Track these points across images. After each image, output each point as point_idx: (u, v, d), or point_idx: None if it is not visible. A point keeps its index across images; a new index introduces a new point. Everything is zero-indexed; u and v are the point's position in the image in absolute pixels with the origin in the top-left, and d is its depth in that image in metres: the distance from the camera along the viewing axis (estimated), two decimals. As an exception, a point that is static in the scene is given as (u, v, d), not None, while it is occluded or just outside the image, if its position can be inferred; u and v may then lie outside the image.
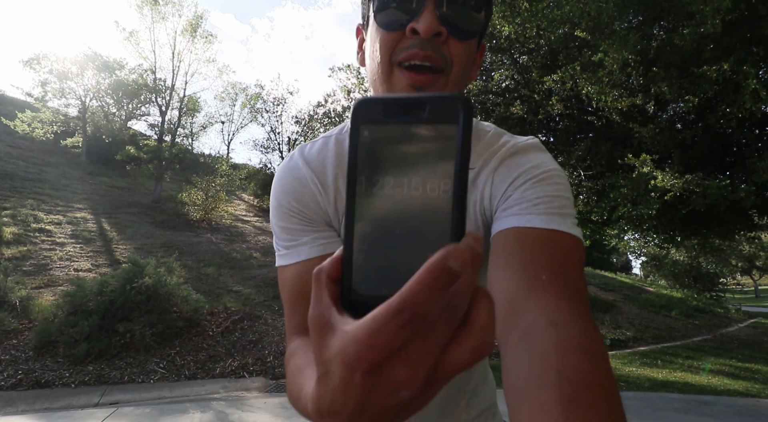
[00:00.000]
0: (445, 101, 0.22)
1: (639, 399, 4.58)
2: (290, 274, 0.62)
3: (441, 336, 0.21)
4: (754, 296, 34.55)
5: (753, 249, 24.42)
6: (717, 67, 4.35)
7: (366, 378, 0.21)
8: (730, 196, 4.59)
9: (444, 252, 0.20)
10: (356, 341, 0.21)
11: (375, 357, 0.21)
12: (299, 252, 0.62)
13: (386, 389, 0.21)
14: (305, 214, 0.64)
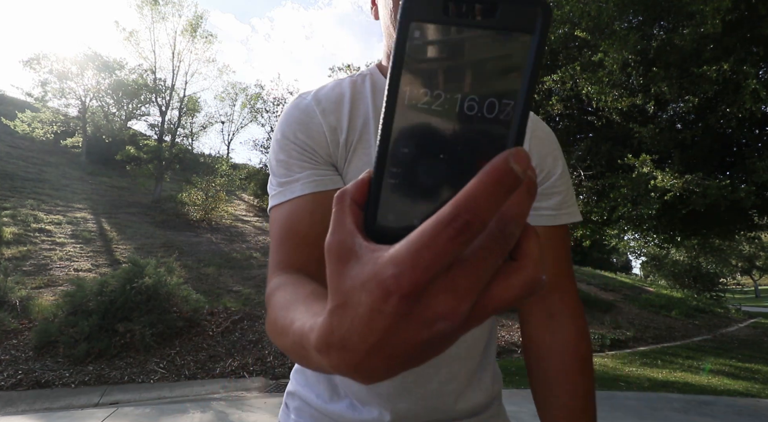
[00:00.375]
0: (522, 4, 0.19)
1: (639, 399, 4.58)
2: (279, 214, 0.61)
3: (491, 263, 0.19)
4: (754, 296, 34.55)
5: (753, 249, 24.43)
6: (717, 67, 4.35)
7: (403, 303, 0.18)
8: (730, 196, 4.59)
9: (506, 154, 0.17)
10: (396, 262, 0.18)
11: (419, 278, 0.18)
12: (292, 190, 0.61)
13: (421, 320, 0.19)
14: (308, 146, 0.63)
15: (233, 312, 6.48)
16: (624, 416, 3.95)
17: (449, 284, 0.18)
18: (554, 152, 0.72)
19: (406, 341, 0.19)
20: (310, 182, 0.61)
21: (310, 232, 0.59)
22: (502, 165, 0.17)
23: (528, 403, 4.25)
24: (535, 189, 0.19)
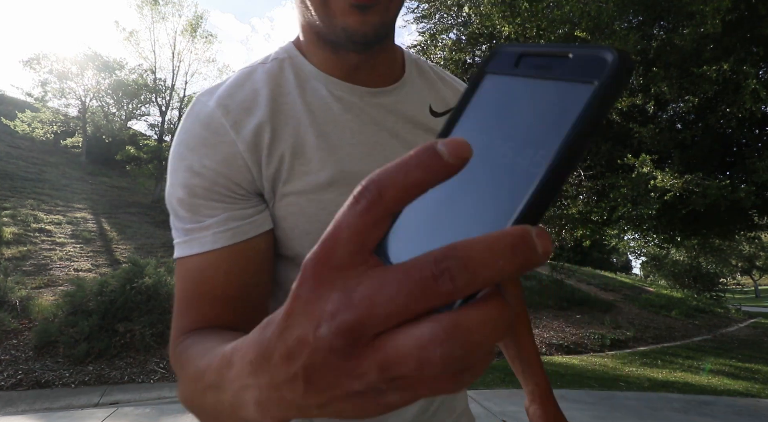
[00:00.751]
0: (593, 56, 0.17)
1: (639, 399, 4.58)
2: (185, 269, 0.48)
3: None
4: (754, 296, 34.56)
5: (753, 250, 24.43)
6: (717, 67, 4.35)
7: (337, 338, 0.16)
8: (730, 195, 4.59)
9: (528, 227, 0.15)
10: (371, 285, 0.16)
11: (369, 313, 0.15)
12: (201, 241, 0.47)
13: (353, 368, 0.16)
14: (219, 178, 0.48)
15: (233, 312, 6.48)
16: (624, 416, 3.95)
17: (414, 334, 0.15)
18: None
19: (332, 384, 0.17)
20: (225, 232, 0.47)
21: (230, 293, 0.47)
22: (523, 232, 0.15)
23: (528, 403, 4.17)
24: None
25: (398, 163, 0.16)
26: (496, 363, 6.25)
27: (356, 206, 0.16)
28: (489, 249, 0.14)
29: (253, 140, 0.50)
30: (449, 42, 7.21)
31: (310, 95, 0.54)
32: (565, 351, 7.47)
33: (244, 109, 0.51)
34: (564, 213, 6.64)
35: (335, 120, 0.53)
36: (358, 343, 0.16)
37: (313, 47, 0.55)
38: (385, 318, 0.15)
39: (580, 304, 11.13)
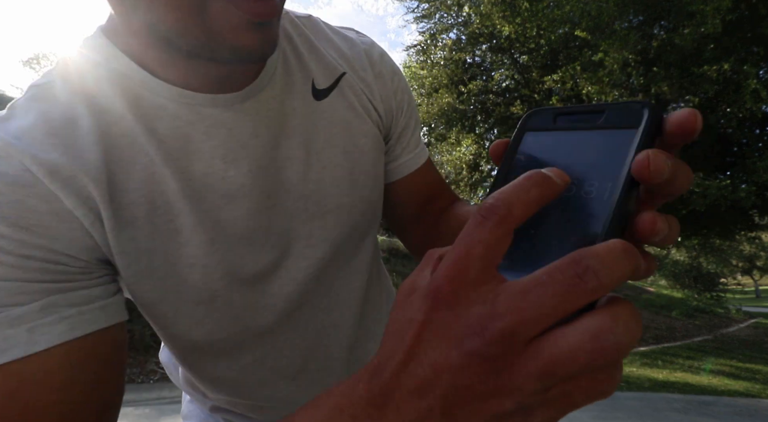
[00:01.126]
0: (628, 108, 0.20)
1: (639, 400, 4.58)
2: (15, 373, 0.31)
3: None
4: (755, 296, 34.56)
5: (753, 250, 24.43)
6: (717, 66, 4.35)
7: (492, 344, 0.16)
8: (730, 195, 4.59)
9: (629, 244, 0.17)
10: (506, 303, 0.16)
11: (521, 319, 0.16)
12: (13, 342, 0.31)
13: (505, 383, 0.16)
14: (36, 250, 0.32)
15: (233, 313, 6.49)
16: (624, 416, 3.95)
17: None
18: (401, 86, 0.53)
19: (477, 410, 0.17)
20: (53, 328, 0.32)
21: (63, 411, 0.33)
22: (625, 244, 0.16)
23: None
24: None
25: (516, 184, 0.18)
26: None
27: (487, 223, 0.17)
28: (611, 253, 0.16)
29: (82, 192, 0.34)
30: (449, 42, 7.21)
31: (156, 119, 0.38)
32: (566, 352, 7.47)
33: (61, 143, 0.34)
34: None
35: (199, 150, 0.39)
36: (513, 350, 0.16)
37: (155, 52, 0.36)
38: (538, 321, 0.16)
39: (580, 304, 11.13)
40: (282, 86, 0.44)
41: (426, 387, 0.17)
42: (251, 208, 0.41)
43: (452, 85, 7.15)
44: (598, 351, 0.15)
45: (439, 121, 7.44)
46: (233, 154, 0.40)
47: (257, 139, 0.41)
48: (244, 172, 0.41)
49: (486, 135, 7.54)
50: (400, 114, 0.53)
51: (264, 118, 0.42)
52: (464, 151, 7.93)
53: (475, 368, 0.16)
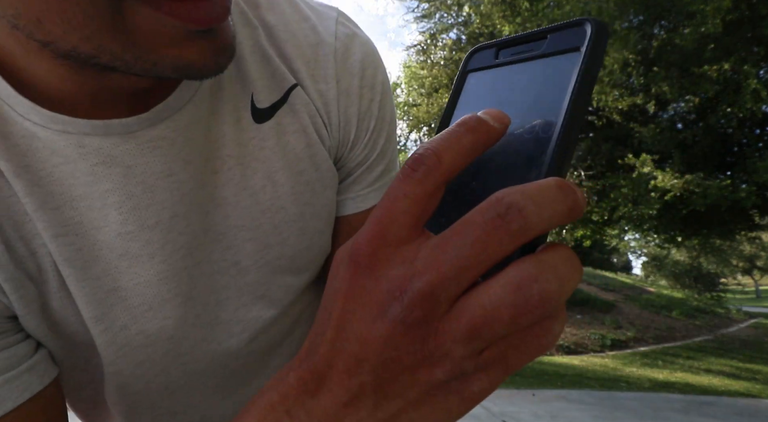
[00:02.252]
0: (570, 28, 0.18)
1: (639, 400, 4.58)
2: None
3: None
4: (755, 296, 34.55)
5: (754, 250, 24.43)
6: (718, 66, 4.36)
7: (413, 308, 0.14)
8: (730, 196, 4.59)
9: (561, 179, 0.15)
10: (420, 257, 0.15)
11: (440, 274, 0.14)
12: None
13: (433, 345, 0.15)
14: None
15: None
16: (625, 416, 3.95)
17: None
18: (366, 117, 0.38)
19: (409, 382, 0.15)
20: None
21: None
22: (560, 180, 0.15)
23: (528, 404, 4.27)
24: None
25: (448, 131, 0.16)
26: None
27: (414, 174, 0.15)
28: (541, 189, 0.14)
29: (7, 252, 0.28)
30: (449, 42, 7.21)
31: (27, 152, 0.28)
32: (566, 352, 7.46)
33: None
34: (564, 214, 6.66)
35: (85, 196, 0.29)
36: (436, 313, 0.14)
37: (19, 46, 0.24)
38: (458, 276, 0.14)
39: (580, 304, 11.13)
40: (209, 104, 0.32)
41: (356, 364, 0.15)
42: (162, 270, 0.32)
43: (452, 85, 7.16)
44: (522, 303, 0.14)
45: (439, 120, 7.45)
46: (133, 200, 0.30)
47: (170, 178, 0.30)
48: (151, 224, 0.30)
49: (486, 135, 7.54)
50: (357, 144, 0.38)
51: (181, 151, 0.30)
52: (464, 151, 7.94)
53: (399, 337, 0.15)
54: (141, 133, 0.29)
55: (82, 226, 0.29)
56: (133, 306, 0.32)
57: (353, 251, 0.16)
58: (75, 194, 0.28)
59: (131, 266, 0.31)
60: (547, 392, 4.62)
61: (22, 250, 0.29)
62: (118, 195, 0.29)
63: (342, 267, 0.17)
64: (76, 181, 0.28)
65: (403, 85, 9.30)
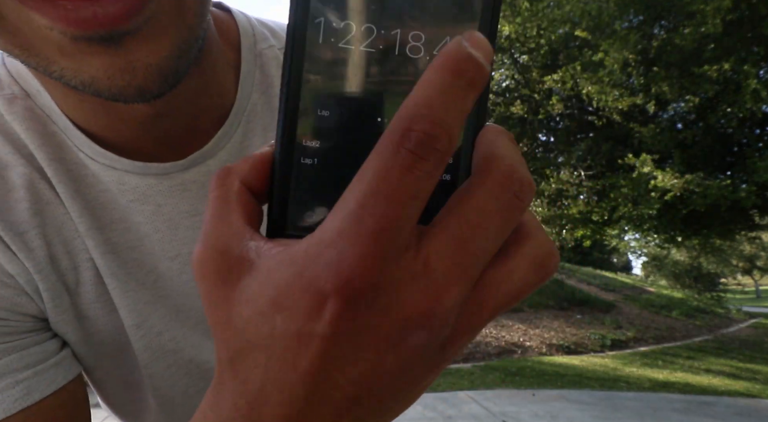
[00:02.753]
0: None
1: (639, 400, 4.58)
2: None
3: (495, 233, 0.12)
4: (755, 296, 34.53)
5: (754, 250, 24.42)
6: (717, 66, 4.36)
7: (346, 310, 0.11)
8: (730, 195, 4.59)
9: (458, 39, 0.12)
10: (326, 243, 0.11)
11: (370, 255, 0.11)
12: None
13: (380, 334, 0.12)
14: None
15: (233, 313, 6.48)
16: (625, 416, 3.95)
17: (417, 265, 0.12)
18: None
19: (362, 376, 0.12)
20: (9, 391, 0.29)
21: None
22: (456, 50, 0.12)
23: (528, 404, 4.26)
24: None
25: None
26: (496, 363, 6.24)
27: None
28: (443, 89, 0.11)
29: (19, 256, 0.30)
30: (449, 42, 7.23)
31: (79, 179, 0.31)
32: (566, 352, 7.47)
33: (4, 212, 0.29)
34: (564, 213, 6.64)
35: (125, 220, 0.33)
36: (367, 307, 0.11)
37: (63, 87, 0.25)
38: (384, 256, 0.11)
39: (580, 304, 11.12)
40: (240, 143, 0.34)
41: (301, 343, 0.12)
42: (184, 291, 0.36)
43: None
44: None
45: (440, 121, 7.44)
46: (159, 234, 0.33)
47: (194, 218, 0.34)
48: (171, 256, 0.34)
49: (486, 135, 7.54)
50: None
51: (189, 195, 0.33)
52: (464, 151, 7.93)
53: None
54: (175, 175, 0.32)
55: (120, 246, 0.33)
56: (166, 316, 0.36)
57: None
58: (114, 217, 0.32)
59: (158, 281, 0.35)
60: (547, 392, 4.62)
61: (66, 264, 0.32)
62: (147, 227, 0.33)
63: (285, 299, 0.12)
64: (116, 207, 0.32)
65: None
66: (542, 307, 10.29)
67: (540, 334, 8.11)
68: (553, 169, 7.09)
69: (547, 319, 9.35)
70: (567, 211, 6.56)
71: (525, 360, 6.50)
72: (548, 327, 8.69)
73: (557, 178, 6.82)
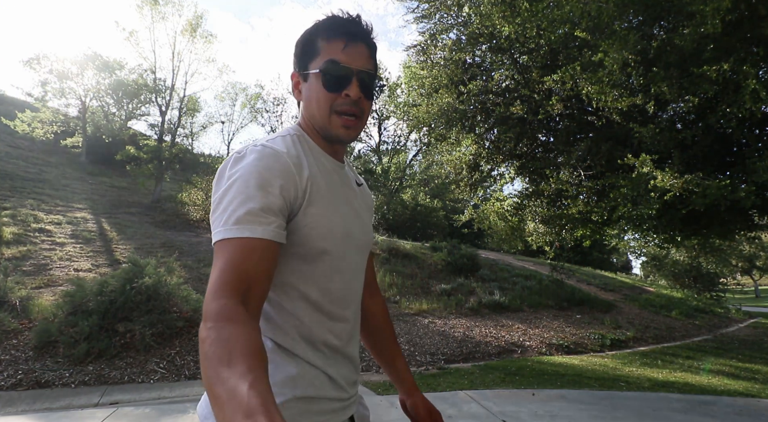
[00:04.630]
0: None
1: (639, 399, 4.58)
2: (253, 246, 0.65)
3: None
4: (754, 296, 34.53)
5: (753, 250, 24.42)
6: (717, 67, 4.35)
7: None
8: (730, 196, 4.58)
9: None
10: None
11: None
12: (265, 231, 0.66)
13: None
14: (287, 200, 0.72)
15: (233, 312, 6.47)
16: (624, 416, 3.95)
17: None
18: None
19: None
20: (276, 232, 0.68)
21: (265, 276, 0.66)
22: None
23: (528, 403, 4.24)
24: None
25: None
26: (496, 363, 6.25)
27: None
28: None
29: (299, 183, 0.76)
30: (449, 42, 7.20)
31: (316, 160, 0.85)
32: (565, 351, 7.47)
33: (296, 160, 0.78)
34: (564, 213, 6.64)
35: (328, 175, 0.85)
36: None
37: (313, 134, 0.88)
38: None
39: (580, 304, 11.13)
40: (349, 172, 0.96)
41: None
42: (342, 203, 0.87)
43: (452, 85, 7.14)
44: None
45: (439, 121, 7.43)
46: (339, 183, 0.88)
47: (342, 183, 0.90)
48: (340, 191, 0.88)
49: (486, 135, 7.54)
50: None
51: (345, 178, 0.92)
52: (464, 151, 7.92)
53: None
54: (339, 168, 0.91)
55: (328, 184, 0.83)
56: (345, 220, 0.84)
57: None
58: (325, 174, 0.85)
59: (339, 202, 0.85)
60: (547, 392, 4.62)
61: (294, 186, 0.75)
62: (336, 180, 0.88)
63: None
64: (326, 172, 0.86)
65: (403, 85, 9.28)
66: (542, 307, 10.30)
67: (540, 334, 8.12)
68: (553, 169, 7.09)
69: (547, 319, 9.36)
70: (567, 211, 6.56)
71: (525, 360, 6.50)
72: (548, 327, 8.70)
73: (557, 178, 6.82)
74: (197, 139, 23.17)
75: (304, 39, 0.84)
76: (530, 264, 16.63)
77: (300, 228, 0.76)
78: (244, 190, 0.68)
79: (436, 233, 20.24)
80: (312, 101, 0.84)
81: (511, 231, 8.12)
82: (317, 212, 0.77)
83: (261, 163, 0.72)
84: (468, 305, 9.18)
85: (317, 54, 0.81)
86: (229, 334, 0.52)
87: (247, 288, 0.62)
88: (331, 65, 0.79)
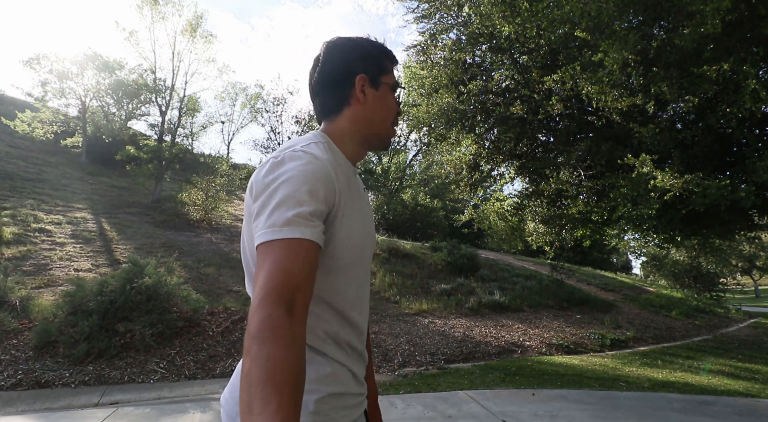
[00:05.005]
0: None
1: (639, 399, 4.58)
2: (306, 248, 0.67)
3: None
4: (754, 296, 34.53)
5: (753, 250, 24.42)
6: (717, 67, 4.35)
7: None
8: (730, 195, 4.58)
9: None
10: None
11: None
12: (313, 233, 0.68)
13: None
14: (328, 207, 0.76)
15: (233, 312, 6.48)
16: (624, 416, 3.95)
17: None
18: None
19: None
20: (322, 237, 0.71)
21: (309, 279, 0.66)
22: None
23: (528, 403, 4.24)
24: None
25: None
26: (496, 363, 6.24)
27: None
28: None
29: (338, 188, 0.79)
30: (449, 42, 7.20)
31: (342, 168, 0.86)
32: (565, 351, 7.46)
33: (335, 168, 0.81)
34: (564, 213, 6.63)
35: (350, 182, 0.88)
36: None
37: (349, 143, 0.92)
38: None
39: (580, 304, 11.13)
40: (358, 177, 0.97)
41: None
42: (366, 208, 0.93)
43: (452, 85, 7.14)
44: None
45: (439, 121, 7.43)
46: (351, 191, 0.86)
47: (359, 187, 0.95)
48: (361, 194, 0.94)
49: (486, 135, 7.54)
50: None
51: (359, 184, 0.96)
52: (464, 151, 7.92)
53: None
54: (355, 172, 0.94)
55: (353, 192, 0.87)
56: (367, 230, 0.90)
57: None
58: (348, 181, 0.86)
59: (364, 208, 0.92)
60: (547, 391, 4.62)
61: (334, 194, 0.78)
62: (346, 188, 0.83)
63: None
64: (349, 179, 0.88)
65: (404, 85, 9.28)
66: (542, 307, 10.30)
67: (540, 334, 8.12)
68: (553, 169, 7.08)
69: (547, 319, 9.36)
70: (567, 211, 6.55)
71: (525, 360, 6.50)
72: (548, 327, 8.70)
73: (557, 178, 6.81)
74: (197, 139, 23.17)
75: (371, 51, 0.92)
76: (530, 264, 16.63)
77: (334, 239, 0.78)
78: (293, 194, 0.69)
79: (436, 233, 20.25)
80: (382, 108, 0.92)
81: (511, 231, 8.12)
82: (349, 223, 0.80)
83: (307, 169, 0.73)
84: (468, 305, 9.18)
85: (387, 71, 0.93)
86: (269, 355, 0.53)
87: (294, 293, 0.61)
88: (397, 86, 0.95)
